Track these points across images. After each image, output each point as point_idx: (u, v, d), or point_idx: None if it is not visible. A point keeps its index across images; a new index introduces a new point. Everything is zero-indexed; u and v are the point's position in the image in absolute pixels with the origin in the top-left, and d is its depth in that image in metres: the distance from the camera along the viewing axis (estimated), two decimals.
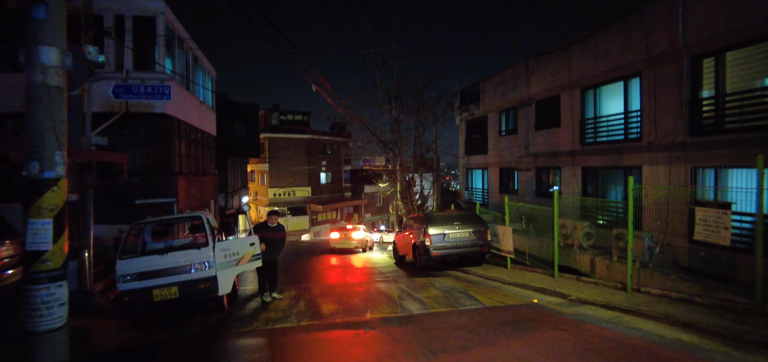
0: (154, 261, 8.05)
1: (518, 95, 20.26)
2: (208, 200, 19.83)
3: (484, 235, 14.37)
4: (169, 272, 8.05)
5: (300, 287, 11.84)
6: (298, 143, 39.56)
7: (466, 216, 14.68)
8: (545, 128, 18.73)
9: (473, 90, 24.10)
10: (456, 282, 11.64)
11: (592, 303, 8.59)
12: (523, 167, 20.22)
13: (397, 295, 9.80)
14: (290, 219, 39.56)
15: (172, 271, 8.06)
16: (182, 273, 8.09)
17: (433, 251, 13.80)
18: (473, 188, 24.79)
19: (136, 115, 14.34)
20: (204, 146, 19.63)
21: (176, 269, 8.08)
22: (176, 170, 15.36)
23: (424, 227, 14.12)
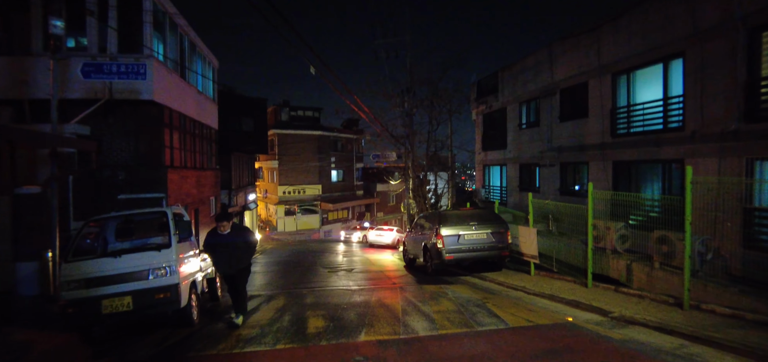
0: (104, 265, 6.59)
1: (541, 83, 18.44)
2: (207, 196, 18.45)
3: (504, 237, 12.64)
4: (122, 278, 6.57)
5: (292, 294, 10.29)
6: (308, 139, 38.12)
7: (484, 215, 12.98)
8: (571, 119, 16.89)
9: (491, 81, 22.32)
10: (472, 292, 9.96)
11: (642, 324, 6.85)
12: (546, 163, 18.39)
13: (401, 308, 8.17)
14: (300, 218, 38.20)
15: (125, 277, 6.59)
16: (138, 279, 6.61)
17: (445, 255, 12.13)
18: (490, 186, 23.01)
19: (121, 102, 12.97)
20: (203, 140, 18.26)
21: (131, 275, 6.60)
22: (166, 163, 13.96)
23: (435, 227, 12.46)
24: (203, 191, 17.79)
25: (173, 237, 7.00)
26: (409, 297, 9.37)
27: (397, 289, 10.61)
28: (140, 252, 6.80)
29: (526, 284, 10.96)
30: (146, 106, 13.37)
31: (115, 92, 12.60)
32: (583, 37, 15.91)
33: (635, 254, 10.82)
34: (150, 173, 13.38)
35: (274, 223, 38.04)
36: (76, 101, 12.58)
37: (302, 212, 38.13)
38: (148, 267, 6.63)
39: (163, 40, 14.26)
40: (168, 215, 7.22)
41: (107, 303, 6.46)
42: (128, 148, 13.47)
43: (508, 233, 12.73)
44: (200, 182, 17.43)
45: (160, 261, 6.73)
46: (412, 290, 10.39)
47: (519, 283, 11.09)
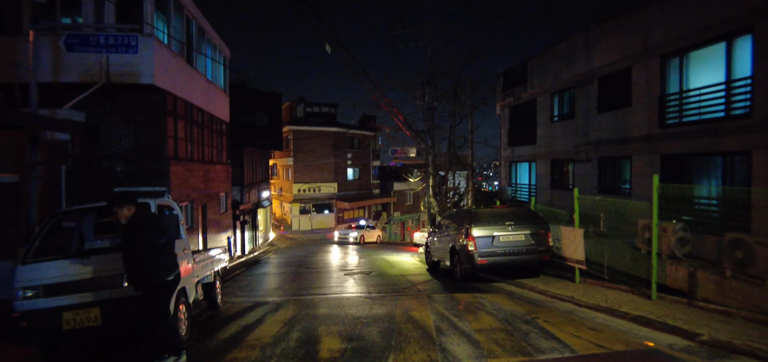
0: (67, 268, 5.22)
1: (576, 71, 16.74)
2: (216, 192, 17.16)
3: (544, 238, 11.05)
4: (89, 285, 5.20)
5: (303, 302, 8.85)
6: (324, 136, 36.75)
7: (521, 214, 11.39)
8: (611, 109, 15.20)
9: (518, 71, 20.67)
10: (514, 303, 8.40)
11: (749, 354, 5.24)
12: (582, 158, 16.68)
13: (434, 324, 6.66)
14: (315, 216, 36.86)
15: (93, 284, 5.21)
16: (108, 286, 5.23)
17: (477, 259, 10.58)
18: (518, 184, 21.33)
19: (120, 87, 11.72)
20: (212, 132, 16.98)
21: (100, 282, 5.22)
22: (169, 155, 12.67)
23: (466, 227, 10.91)
24: (212, 186, 16.50)
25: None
26: (439, 309, 7.85)
27: (424, 298, 9.10)
28: (115, 253, 5.42)
29: (573, 293, 9.37)
30: (147, 91, 12.10)
31: (113, 74, 11.35)
32: (626, 17, 14.22)
33: (698, 260, 9.21)
34: (151, 165, 12.11)
35: (289, 222, 36.79)
36: (71, 85, 11.37)
37: (317, 211, 36.80)
38: (121, 272, 5.24)
39: (167, 21, 12.98)
40: (150, 208, 5.82)
41: (69, 316, 5.09)
42: (128, 137, 12.21)
43: (549, 235, 11.14)
44: (208, 177, 16.14)
45: None
46: (442, 299, 8.87)
47: (564, 292, 9.50)
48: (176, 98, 13.14)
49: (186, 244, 6.58)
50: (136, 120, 12.24)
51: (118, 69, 11.33)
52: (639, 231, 10.68)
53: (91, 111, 11.95)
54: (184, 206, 13.70)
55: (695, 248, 9.59)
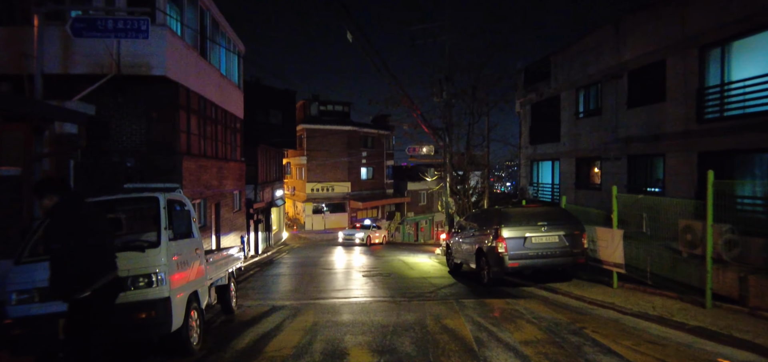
0: None
1: (604, 65, 15.89)
2: (230, 190, 16.60)
3: (579, 240, 10.26)
4: None
5: (324, 306, 8.18)
6: (338, 135, 36.11)
7: (554, 214, 10.61)
8: (642, 104, 14.34)
9: (541, 66, 19.83)
10: (553, 311, 7.65)
11: None
12: (610, 156, 15.82)
13: (472, 335, 5.94)
14: (328, 216, 36.25)
15: None
16: None
17: (508, 262, 9.82)
18: (540, 184, 20.47)
19: (131, 79, 11.17)
20: (226, 128, 16.42)
21: None
22: (181, 150, 12.11)
23: (494, 228, 10.17)
24: (225, 183, 15.94)
25: (164, 233, 4.98)
26: (474, 316, 7.12)
27: (453, 303, 8.38)
28: (120, 252, 4.80)
29: (614, 299, 8.58)
30: (159, 83, 11.54)
31: (124, 66, 10.80)
32: (661, 7, 13.35)
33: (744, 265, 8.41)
34: (163, 161, 11.55)
35: (302, 221, 36.23)
36: (80, 76, 10.85)
37: (330, 211, 36.19)
38: (126, 274, 4.62)
39: (180, 11, 12.42)
40: (159, 202, 5.19)
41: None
42: (139, 132, 11.66)
43: (584, 236, 10.34)
44: (222, 174, 15.58)
45: (143, 266, 4.71)
46: (473, 306, 8.14)
47: (604, 298, 8.72)
48: (189, 91, 12.58)
49: (198, 243, 5.94)
50: (148, 114, 11.69)
51: (130, 60, 10.79)
52: (680, 232, 9.86)
53: (102, 104, 11.42)
54: (196, 203, 13.14)
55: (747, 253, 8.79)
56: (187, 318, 5.11)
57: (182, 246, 5.35)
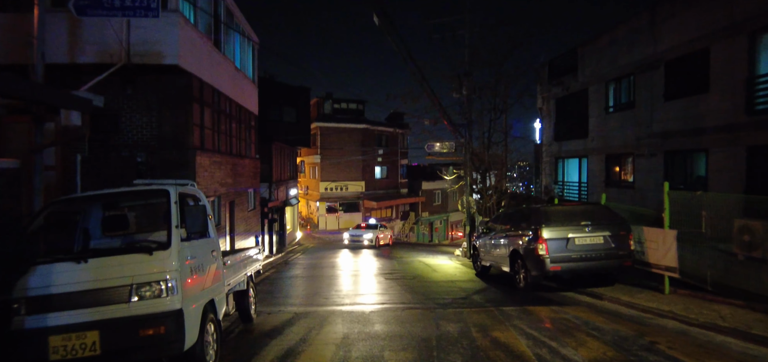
0: (58, 276, 3.82)
1: (637, 56, 14.89)
2: (244, 188, 15.85)
3: (625, 241, 9.31)
4: (86, 299, 3.79)
5: (352, 314, 7.32)
6: (352, 133, 35.28)
7: (597, 213, 9.68)
8: (681, 96, 13.34)
9: (567, 59, 18.83)
10: (609, 321, 6.75)
11: None
12: (644, 152, 14.82)
13: (530, 351, 5.08)
14: (342, 216, 35.42)
15: (90, 298, 3.79)
16: (111, 302, 3.82)
17: (550, 265, 8.90)
18: (565, 182, 19.45)
19: (141, 68, 10.43)
20: (241, 124, 15.67)
21: (99, 295, 3.81)
22: (195, 144, 11.35)
23: (534, 228, 9.25)
24: (240, 181, 15.18)
25: (176, 233, 4.16)
26: (524, 327, 6.23)
27: (494, 312, 7.50)
28: (122, 255, 4.00)
29: (672, 307, 7.65)
30: (171, 74, 10.78)
31: (134, 54, 10.06)
32: None
33: None
34: (175, 156, 10.79)
35: (316, 221, 35.48)
36: (88, 66, 10.14)
37: (344, 210, 35.39)
38: (129, 282, 3.82)
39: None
40: (170, 196, 4.37)
41: (58, 341, 3.68)
42: (150, 125, 10.92)
43: (630, 237, 9.38)
44: (236, 171, 14.82)
45: (149, 272, 3.90)
46: (518, 314, 7.25)
47: (659, 306, 7.80)
48: (203, 83, 11.82)
49: (215, 244, 5.14)
50: (160, 106, 10.94)
51: (140, 48, 10.05)
52: (735, 233, 8.89)
53: (111, 97, 10.70)
54: (210, 201, 12.38)
55: None
56: (202, 333, 4.30)
57: (196, 248, 4.54)
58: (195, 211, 4.41)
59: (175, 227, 4.16)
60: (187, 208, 4.50)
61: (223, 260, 5.35)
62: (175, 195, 4.43)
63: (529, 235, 9.46)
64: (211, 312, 4.66)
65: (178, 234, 4.17)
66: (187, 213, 4.38)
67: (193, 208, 4.56)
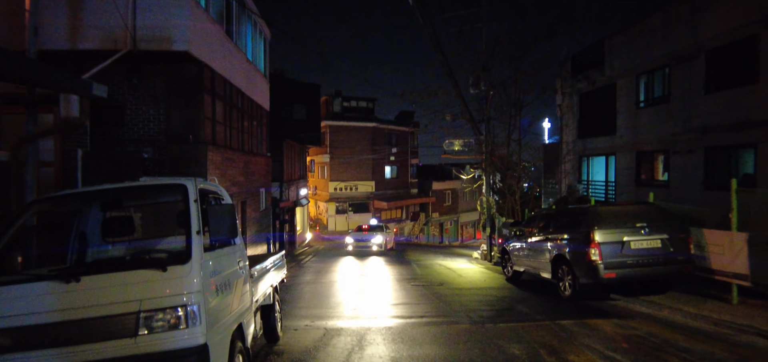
0: (43, 299, 2.82)
1: (674, 46, 13.85)
2: (256, 187, 14.88)
3: (685, 245, 8.29)
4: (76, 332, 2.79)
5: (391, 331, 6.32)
6: (361, 132, 34.24)
7: (651, 213, 8.65)
8: (724, 88, 12.32)
9: (592, 53, 17.81)
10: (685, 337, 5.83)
11: None
12: (681, 148, 13.78)
13: None
14: (352, 217, 34.40)
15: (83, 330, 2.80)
16: (110, 336, 2.80)
17: (604, 272, 7.89)
18: (591, 181, 18.40)
19: (148, 56, 9.48)
20: (252, 120, 14.71)
21: (95, 327, 2.80)
22: (206, 139, 10.38)
23: (584, 230, 8.24)
24: (252, 180, 14.21)
25: (197, 240, 3.16)
26: (599, 347, 5.25)
27: (552, 327, 6.49)
28: (126, 272, 3.01)
29: (750, 321, 6.63)
30: (181, 62, 9.83)
31: (140, 40, 9.09)
32: None
33: None
34: (185, 151, 9.83)
35: (325, 222, 34.48)
36: (90, 52, 9.19)
37: (354, 211, 34.37)
38: (136, 309, 2.83)
39: None
40: (188, 193, 3.39)
41: None
42: (157, 118, 9.96)
43: (690, 240, 8.35)
44: (248, 169, 13.86)
45: (163, 295, 2.91)
46: (581, 330, 6.26)
47: (735, 319, 6.81)
48: (214, 73, 10.85)
49: (242, 252, 4.15)
50: (168, 98, 9.98)
51: (147, 33, 9.09)
52: None
53: (115, 86, 9.75)
54: None
55: None
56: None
57: (222, 259, 3.56)
58: (220, 212, 3.41)
59: (196, 233, 3.18)
60: (209, 208, 3.51)
61: (250, 271, 4.36)
62: (195, 191, 3.45)
63: (577, 238, 8.45)
64: (239, 338, 3.67)
65: (200, 243, 3.22)
66: (210, 215, 3.41)
67: (217, 208, 3.58)
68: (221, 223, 3.35)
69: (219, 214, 3.40)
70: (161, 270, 2.99)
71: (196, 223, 3.24)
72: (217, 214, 3.40)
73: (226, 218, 3.39)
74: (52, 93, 8.22)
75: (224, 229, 3.35)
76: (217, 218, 3.36)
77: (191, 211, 3.30)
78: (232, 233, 3.56)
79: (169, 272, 3.00)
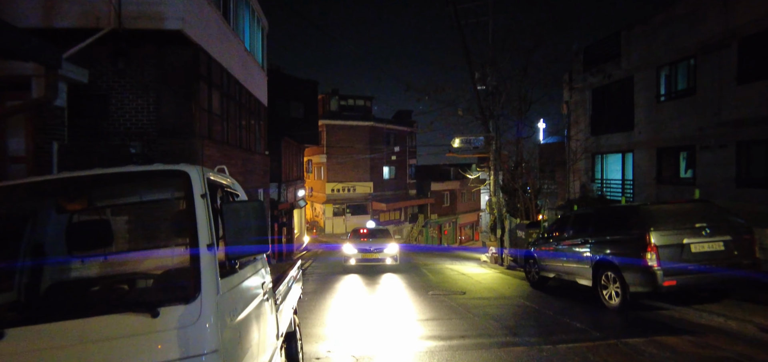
0: None
1: (703, 34, 12.94)
2: (254, 187, 13.66)
3: (749, 247, 7.29)
4: None
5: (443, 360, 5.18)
6: (359, 131, 33.02)
7: (709, 213, 7.62)
8: (761, 78, 11.41)
9: (607, 45, 16.88)
10: None
11: None
12: (710, 143, 12.87)
13: None
14: (350, 219, 33.20)
15: None
16: None
17: (663, 280, 6.83)
18: (605, 180, 17.45)
19: (136, 36, 8.24)
20: (250, 114, 13.49)
21: None
22: (201, 132, 9.17)
23: (639, 233, 7.19)
24: (250, 179, 12.99)
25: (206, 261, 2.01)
26: None
27: (619, 347, 5.41)
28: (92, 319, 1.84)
29: None
30: (173, 45, 8.62)
31: (127, 17, 7.87)
32: None
33: None
34: (178, 145, 8.60)
35: (322, 224, 33.19)
36: (70, 31, 7.94)
37: (352, 213, 33.15)
38: None
39: None
40: (191, 185, 2.23)
41: None
42: (147, 107, 8.73)
43: (755, 241, 7.34)
44: (247, 168, 12.64)
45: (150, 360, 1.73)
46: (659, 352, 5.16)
47: None
48: (211, 58, 9.64)
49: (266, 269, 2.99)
50: (159, 85, 8.75)
51: (134, 9, 7.88)
52: None
53: (98, 72, 8.52)
54: None
55: None
56: None
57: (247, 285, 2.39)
58: (242, 211, 2.25)
59: (207, 248, 2.05)
60: (225, 207, 2.32)
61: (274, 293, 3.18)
62: (202, 183, 2.32)
63: (627, 241, 7.40)
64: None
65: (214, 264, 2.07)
66: (228, 216, 2.24)
67: (237, 206, 2.35)
68: (245, 229, 2.18)
69: (241, 214, 2.24)
70: (150, 315, 1.84)
71: (206, 232, 2.07)
72: (237, 215, 2.24)
73: (251, 221, 2.22)
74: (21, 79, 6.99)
75: (250, 238, 2.19)
76: (239, 220, 2.19)
77: (197, 212, 2.13)
78: (261, 244, 2.37)
79: (164, 317, 1.84)
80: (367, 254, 14.37)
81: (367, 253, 14.38)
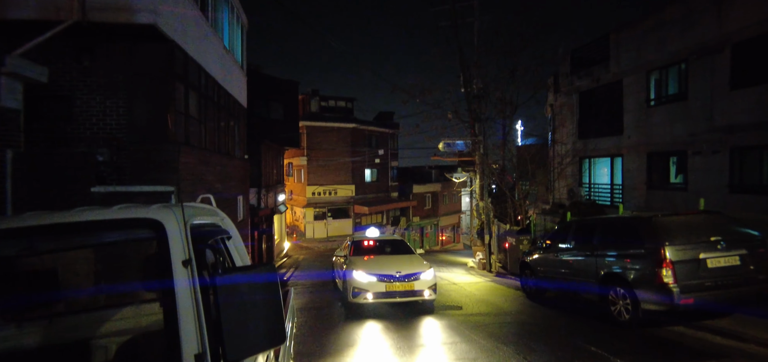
0: None
1: (694, 39, 12.77)
2: (234, 194, 12.82)
3: (765, 260, 6.93)
4: None
5: None
6: (340, 133, 32.21)
7: (722, 225, 7.25)
8: (754, 83, 11.33)
9: (596, 48, 16.66)
10: None
11: None
12: (702, 149, 12.71)
13: None
14: (331, 222, 32.38)
15: None
16: None
17: (680, 298, 6.43)
18: (593, 185, 17.24)
19: (104, 31, 7.39)
20: (229, 116, 12.64)
21: None
22: (177, 137, 8.34)
23: (653, 246, 6.76)
24: (229, 185, 12.16)
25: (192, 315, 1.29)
26: None
27: None
28: None
29: None
30: (147, 40, 7.78)
31: (91, 8, 7.01)
32: None
33: None
34: (152, 152, 7.77)
35: (302, 228, 32.24)
36: (26, 23, 7.03)
37: (333, 216, 32.31)
38: None
39: None
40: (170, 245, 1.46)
41: None
42: (116, 110, 7.86)
43: None
44: (226, 174, 11.80)
45: None
46: None
47: None
48: (188, 57, 8.81)
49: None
50: (130, 85, 7.89)
51: (100, 0, 7.01)
52: None
53: (60, 70, 7.62)
54: None
55: None
56: None
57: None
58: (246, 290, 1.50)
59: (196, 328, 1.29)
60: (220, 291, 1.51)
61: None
62: (184, 240, 1.60)
63: (640, 255, 6.97)
64: None
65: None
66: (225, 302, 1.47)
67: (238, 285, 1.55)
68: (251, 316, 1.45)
69: (244, 292, 1.51)
70: None
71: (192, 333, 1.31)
72: (239, 293, 1.51)
73: (258, 299, 1.52)
74: None
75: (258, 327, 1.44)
76: (243, 305, 1.46)
77: (179, 299, 1.38)
78: (275, 340, 1.67)
79: None
80: (393, 285, 8.82)
81: (392, 282, 8.83)
